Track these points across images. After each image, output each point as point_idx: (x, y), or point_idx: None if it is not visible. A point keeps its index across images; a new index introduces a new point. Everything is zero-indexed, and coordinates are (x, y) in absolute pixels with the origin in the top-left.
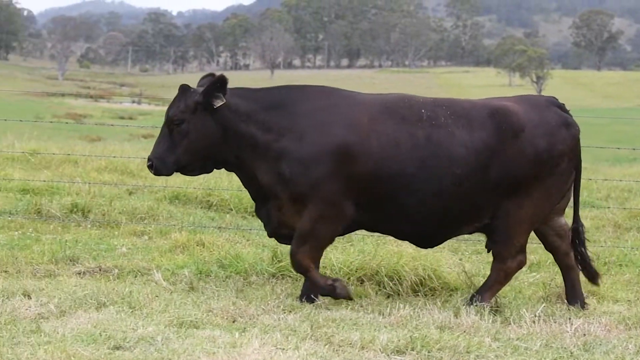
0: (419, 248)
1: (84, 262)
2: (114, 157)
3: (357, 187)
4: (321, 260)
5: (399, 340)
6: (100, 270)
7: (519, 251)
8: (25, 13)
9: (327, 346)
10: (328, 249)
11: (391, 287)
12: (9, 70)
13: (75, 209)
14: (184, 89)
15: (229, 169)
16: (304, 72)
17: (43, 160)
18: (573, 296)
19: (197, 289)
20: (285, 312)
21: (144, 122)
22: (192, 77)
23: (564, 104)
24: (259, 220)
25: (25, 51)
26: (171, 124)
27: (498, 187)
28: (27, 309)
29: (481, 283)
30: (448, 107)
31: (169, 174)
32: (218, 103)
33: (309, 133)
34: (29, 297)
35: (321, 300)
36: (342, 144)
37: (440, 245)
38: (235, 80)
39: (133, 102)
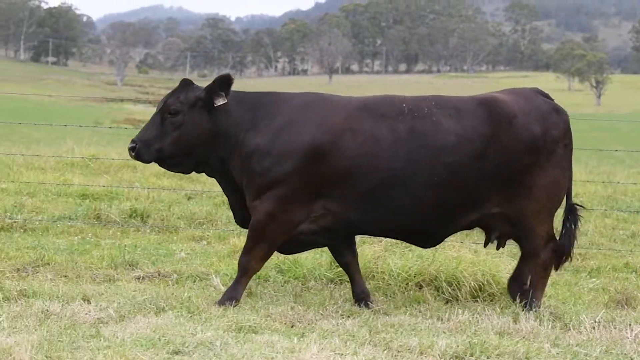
0: (477, 255)
1: (143, 267)
2: None
3: (330, 185)
4: (380, 266)
5: (458, 346)
6: (159, 275)
7: (547, 240)
8: (84, 19)
9: (385, 352)
10: (386, 254)
11: (450, 293)
12: (68, 76)
13: (134, 214)
14: (187, 83)
15: (209, 174)
16: (362, 77)
17: (102, 166)
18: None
19: (256, 294)
20: (343, 318)
21: None
22: (251, 83)
23: (548, 94)
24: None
25: (85, 57)
26: (166, 112)
27: (498, 177)
28: (86, 314)
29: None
30: (433, 100)
31: (149, 161)
32: (219, 101)
33: (282, 130)
34: (89, 302)
35: (379, 305)
36: (312, 143)
37: (499, 251)
38: (294, 85)
39: None
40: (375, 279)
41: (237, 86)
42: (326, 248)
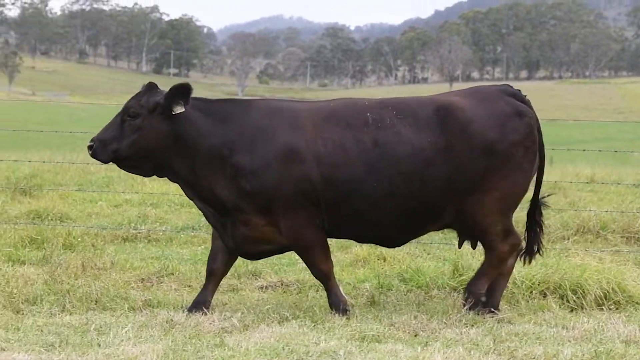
0: (602, 263)
1: (266, 277)
2: None
3: (311, 189)
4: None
5: (583, 355)
6: (282, 284)
7: (505, 236)
8: (205, 30)
9: None
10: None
11: (574, 301)
12: None
13: None
14: (151, 86)
15: (172, 179)
16: (482, 84)
17: None
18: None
19: (379, 302)
20: (467, 326)
21: None
22: (371, 91)
23: (519, 91)
24: (440, 234)
25: (206, 68)
26: (126, 114)
27: (454, 184)
28: (210, 323)
29: None
30: (395, 108)
31: (105, 161)
32: (178, 110)
33: (255, 143)
34: (213, 311)
35: (503, 313)
36: (289, 145)
37: (625, 258)
38: (414, 94)
39: None
40: None
41: (357, 94)
42: (449, 257)
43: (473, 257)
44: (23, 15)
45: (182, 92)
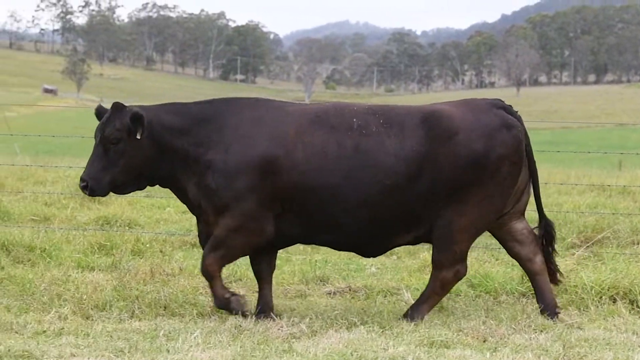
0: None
1: (334, 282)
2: None
3: (282, 199)
4: (573, 280)
5: None
6: (349, 290)
7: (457, 260)
8: (271, 36)
9: None
10: (579, 267)
11: None
12: (256, 93)
13: None
14: (118, 107)
15: (163, 185)
16: (550, 88)
17: None
18: (544, 303)
19: (447, 308)
20: (536, 332)
21: None
22: (437, 96)
23: (510, 106)
24: None
25: (272, 74)
26: (107, 143)
27: (435, 195)
28: (279, 329)
29: None
30: (382, 115)
31: (104, 195)
32: (139, 135)
33: (234, 145)
34: (281, 317)
35: (573, 319)
36: (266, 156)
37: None
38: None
39: None
40: (569, 292)
41: (424, 99)
42: (516, 262)
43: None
44: (91, 23)
45: (134, 121)
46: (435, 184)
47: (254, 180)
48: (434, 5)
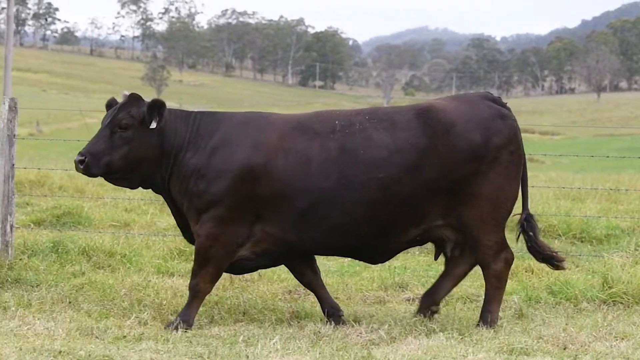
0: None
1: (413, 289)
2: None
3: (267, 205)
4: None
5: None
6: None
7: (498, 250)
8: (350, 43)
9: None
10: None
11: None
12: (335, 99)
13: None
14: (136, 97)
15: (155, 191)
16: (630, 94)
17: None
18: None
19: (527, 315)
20: (617, 339)
21: None
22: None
23: (499, 97)
24: (589, 246)
25: (351, 80)
26: (116, 126)
27: (438, 188)
28: (358, 335)
29: None
30: (368, 114)
31: (96, 175)
32: (153, 125)
33: (218, 151)
34: (360, 323)
35: None
36: (245, 164)
37: None
38: (561, 104)
39: None
40: None
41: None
42: (598, 269)
43: (623, 269)
44: (171, 30)
45: (154, 108)
46: (437, 177)
47: (234, 186)
48: (514, 11)
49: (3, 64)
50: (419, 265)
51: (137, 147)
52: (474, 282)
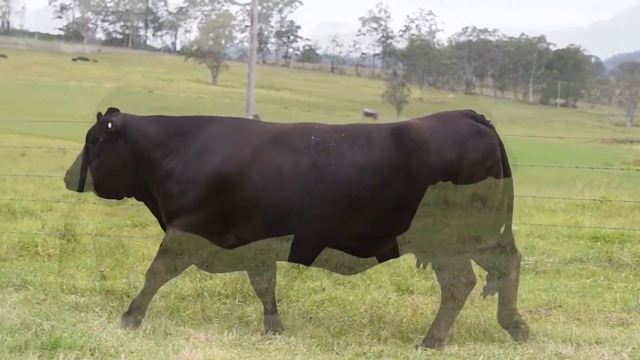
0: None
1: None
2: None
3: (235, 215)
4: None
5: None
6: None
7: (460, 269)
8: (593, 60)
9: None
10: None
11: None
12: (577, 117)
13: None
14: (110, 110)
15: (138, 198)
16: None
17: (613, 208)
18: None
19: None
20: None
21: None
22: None
23: (482, 115)
24: None
25: (593, 98)
26: (88, 142)
27: (409, 205)
28: (600, 358)
29: None
30: (345, 131)
31: (79, 190)
32: (110, 125)
33: (194, 158)
34: (602, 345)
35: None
36: (217, 173)
37: None
38: None
39: None
40: None
41: None
42: None
43: None
44: (411, 47)
45: (108, 114)
46: (409, 195)
47: (204, 194)
48: None
49: (246, 81)
50: None
51: (107, 157)
52: None
